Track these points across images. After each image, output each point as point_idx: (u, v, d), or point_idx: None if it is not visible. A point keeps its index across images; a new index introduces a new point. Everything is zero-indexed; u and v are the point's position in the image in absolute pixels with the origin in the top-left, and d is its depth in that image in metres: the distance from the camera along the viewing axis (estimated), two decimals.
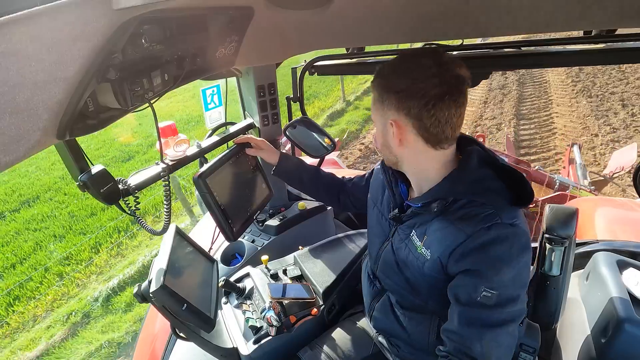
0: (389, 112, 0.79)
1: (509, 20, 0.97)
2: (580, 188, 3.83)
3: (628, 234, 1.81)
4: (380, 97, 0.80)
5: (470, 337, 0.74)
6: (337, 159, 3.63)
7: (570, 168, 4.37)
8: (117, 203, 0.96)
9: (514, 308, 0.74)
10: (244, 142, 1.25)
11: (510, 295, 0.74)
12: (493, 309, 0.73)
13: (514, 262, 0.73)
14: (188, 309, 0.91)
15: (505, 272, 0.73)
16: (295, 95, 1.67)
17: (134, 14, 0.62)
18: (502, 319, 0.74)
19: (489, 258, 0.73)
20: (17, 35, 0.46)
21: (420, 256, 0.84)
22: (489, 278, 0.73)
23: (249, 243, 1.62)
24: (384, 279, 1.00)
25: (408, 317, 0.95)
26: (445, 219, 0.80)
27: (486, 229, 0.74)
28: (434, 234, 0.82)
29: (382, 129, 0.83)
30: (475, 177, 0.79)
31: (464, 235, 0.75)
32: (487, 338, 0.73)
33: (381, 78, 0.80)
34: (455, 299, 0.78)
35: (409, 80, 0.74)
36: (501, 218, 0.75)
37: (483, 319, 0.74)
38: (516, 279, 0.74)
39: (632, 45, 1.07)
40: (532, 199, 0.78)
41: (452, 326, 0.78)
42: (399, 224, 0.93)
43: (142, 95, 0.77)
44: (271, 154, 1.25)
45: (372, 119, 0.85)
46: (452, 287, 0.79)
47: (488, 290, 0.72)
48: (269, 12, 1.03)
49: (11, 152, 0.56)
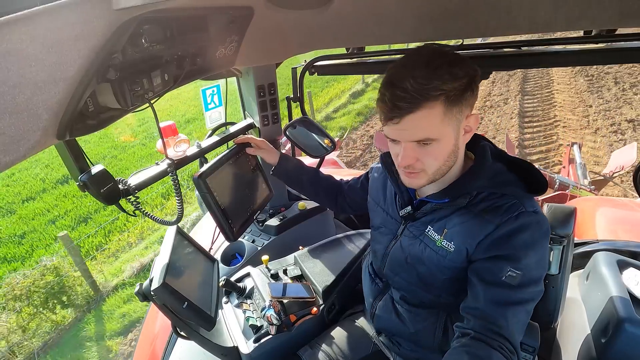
0: (465, 109, 0.74)
1: (509, 20, 0.97)
2: (580, 188, 3.83)
3: (628, 234, 1.81)
4: (449, 107, 0.71)
5: (494, 313, 0.76)
6: (337, 159, 3.64)
7: (570, 167, 4.37)
8: (117, 203, 0.97)
9: (535, 289, 0.77)
10: (244, 142, 1.25)
11: (532, 276, 0.76)
12: (516, 288, 0.76)
13: (538, 246, 0.77)
14: (189, 307, 0.91)
15: (531, 255, 0.76)
16: (295, 95, 1.68)
17: (134, 14, 0.62)
18: (524, 298, 0.76)
19: (516, 244, 0.76)
20: (17, 35, 0.46)
21: (440, 249, 0.85)
22: (516, 260, 0.76)
23: (249, 243, 1.62)
24: (392, 277, 0.99)
25: (413, 314, 0.95)
26: (467, 211, 0.82)
27: (514, 218, 0.77)
28: (457, 227, 0.83)
29: (456, 134, 0.76)
30: (493, 171, 0.82)
31: (492, 225, 0.78)
32: (509, 315, 0.76)
33: (440, 91, 0.69)
34: (479, 279, 0.79)
35: (458, 74, 0.70)
36: (525, 207, 0.78)
37: (507, 297, 0.76)
38: (539, 262, 0.78)
39: (632, 45, 1.07)
40: (547, 186, 0.81)
41: (476, 304, 0.79)
42: (410, 221, 0.93)
43: (142, 95, 0.77)
44: (271, 154, 1.26)
45: (432, 139, 0.73)
46: (476, 269, 0.81)
47: (513, 270, 0.75)
48: (269, 12, 1.03)
49: (11, 152, 0.56)
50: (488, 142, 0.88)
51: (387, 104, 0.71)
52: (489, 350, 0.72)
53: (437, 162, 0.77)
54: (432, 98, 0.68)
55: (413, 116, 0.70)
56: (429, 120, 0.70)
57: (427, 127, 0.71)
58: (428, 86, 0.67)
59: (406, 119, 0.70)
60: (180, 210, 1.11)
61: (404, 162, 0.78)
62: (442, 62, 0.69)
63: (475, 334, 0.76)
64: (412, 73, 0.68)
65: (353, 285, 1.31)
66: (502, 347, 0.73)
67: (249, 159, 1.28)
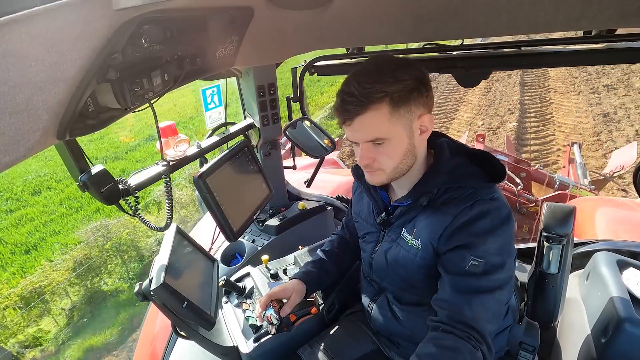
0: (415, 110, 0.78)
1: (509, 20, 0.97)
2: (580, 187, 3.83)
3: (628, 234, 1.81)
4: (396, 108, 0.76)
5: (460, 303, 0.78)
6: (337, 159, 3.64)
7: (570, 167, 4.37)
8: (117, 203, 0.97)
9: (500, 275, 0.78)
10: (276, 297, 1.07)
11: (495, 262, 0.78)
12: (481, 276, 0.77)
13: (498, 231, 0.78)
14: (188, 307, 0.91)
15: (491, 241, 0.78)
16: (295, 95, 1.68)
17: (134, 14, 0.62)
18: (489, 286, 0.78)
19: (474, 231, 0.78)
20: (17, 35, 0.46)
21: (412, 248, 0.88)
22: (475, 248, 0.77)
23: (249, 243, 1.62)
24: (380, 282, 1.03)
25: (407, 312, 0.97)
26: (430, 207, 0.86)
27: (469, 207, 0.79)
28: (422, 223, 0.86)
29: (408, 133, 0.80)
30: (451, 166, 0.84)
31: (450, 217, 0.81)
32: (475, 303, 0.77)
33: (384, 92, 0.75)
34: (444, 271, 0.82)
35: (402, 77, 0.76)
36: (480, 195, 0.80)
37: (472, 286, 0.78)
38: (501, 248, 0.79)
39: (632, 45, 1.07)
40: (505, 173, 0.84)
41: (443, 295, 0.81)
42: (387, 227, 0.96)
43: (142, 96, 0.77)
44: (299, 292, 1.09)
45: (383, 139, 0.79)
46: (442, 261, 0.83)
47: (475, 259, 0.77)
48: (269, 12, 1.03)
49: (11, 152, 0.56)
50: (446, 139, 0.91)
51: (338, 109, 0.79)
52: (457, 341, 0.74)
53: (392, 161, 0.82)
54: (376, 100, 0.74)
55: (362, 118, 0.76)
56: (376, 120, 0.76)
57: (376, 127, 0.77)
58: (371, 89, 0.74)
59: (356, 121, 0.77)
60: (169, 216, 1.08)
61: (362, 162, 0.84)
62: (387, 68, 0.76)
63: (443, 326, 0.78)
64: (357, 79, 0.76)
65: (353, 285, 1.31)
66: (469, 336, 0.75)
67: (249, 159, 1.28)
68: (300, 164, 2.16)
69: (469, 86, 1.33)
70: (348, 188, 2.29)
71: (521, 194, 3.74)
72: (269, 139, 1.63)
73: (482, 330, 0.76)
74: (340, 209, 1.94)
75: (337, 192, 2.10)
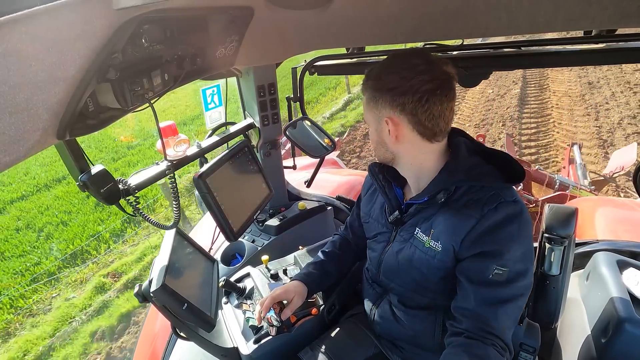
0: (383, 110, 0.83)
1: (509, 20, 0.97)
2: (581, 188, 3.83)
3: (628, 234, 1.81)
4: (373, 98, 0.84)
5: (486, 314, 0.78)
6: (337, 159, 3.63)
7: (570, 168, 4.37)
8: (117, 203, 0.96)
9: (523, 282, 0.79)
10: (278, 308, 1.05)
11: (519, 270, 0.78)
12: (505, 285, 0.77)
13: (522, 238, 0.78)
14: (188, 308, 0.91)
15: (515, 249, 0.77)
16: (295, 95, 1.67)
17: (134, 14, 0.62)
18: (513, 293, 0.78)
19: (500, 238, 0.78)
20: (17, 35, 0.46)
21: (429, 250, 0.87)
22: (500, 256, 0.77)
23: (249, 243, 1.62)
24: (388, 283, 1.01)
25: (411, 316, 0.96)
26: (450, 208, 0.84)
27: (494, 209, 0.79)
28: (442, 225, 0.85)
29: (377, 127, 0.87)
30: (468, 165, 0.84)
31: (473, 219, 0.80)
32: (500, 313, 0.78)
33: (372, 79, 0.84)
34: (467, 280, 0.81)
35: (401, 78, 0.78)
36: (504, 197, 0.80)
37: (496, 296, 0.78)
38: (525, 254, 0.79)
39: (632, 45, 1.06)
40: (524, 174, 0.84)
41: (468, 304, 0.80)
42: (399, 226, 0.95)
43: (142, 95, 0.77)
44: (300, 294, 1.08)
45: (365, 120, 0.89)
46: (463, 268, 0.82)
47: (499, 268, 0.77)
48: (269, 12, 1.03)
49: (11, 152, 0.56)
50: (464, 138, 0.91)
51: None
52: (486, 349, 0.75)
53: (372, 141, 0.92)
54: (365, 86, 0.86)
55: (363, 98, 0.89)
56: (364, 101, 0.89)
57: (364, 106, 0.90)
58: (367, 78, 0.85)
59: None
60: (177, 214, 1.09)
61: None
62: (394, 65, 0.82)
63: (468, 334, 0.78)
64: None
65: (353, 286, 1.31)
66: (494, 344, 0.76)
67: (249, 159, 1.28)
68: (300, 164, 2.16)
69: (469, 86, 1.33)
70: (348, 188, 2.30)
71: (521, 195, 3.74)
72: (269, 139, 1.63)
73: (506, 339, 0.77)
74: (340, 209, 1.94)
75: (337, 192, 2.09)
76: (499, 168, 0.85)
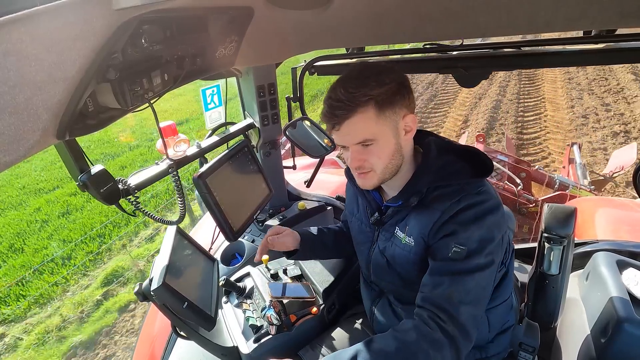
0: (399, 111, 0.83)
1: (509, 20, 0.97)
2: (580, 188, 3.83)
3: (628, 234, 1.81)
4: (380, 110, 0.80)
5: (436, 283, 0.81)
6: (337, 159, 3.63)
7: (570, 168, 4.37)
8: (117, 203, 0.96)
9: (479, 260, 0.80)
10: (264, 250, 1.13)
11: (475, 248, 0.80)
12: (462, 261, 0.81)
13: (481, 222, 0.81)
14: (189, 307, 0.91)
15: (473, 229, 0.80)
16: (295, 95, 1.67)
17: (134, 14, 0.62)
18: (468, 268, 0.80)
19: (459, 221, 0.82)
20: (17, 35, 0.46)
21: (406, 246, 0.90)
22: (458, 235, 0.81)
23: (249, 243, 1.62)
24: (380, 282, 1.03)
25: (408, 312, 0.97)
26: (421, 205, 0.88)
27: (456, 202, 0.83)
28: (414, 221, 0.89)
29: (394, 134, 0.84)
30: (438, 165, 0.86)
31: (438, 212, 0.84)
32: (452, 283, 0.80)
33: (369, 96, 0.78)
34: (432, 259, 0.86)
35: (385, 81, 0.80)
36: (466, 190, 0.83)
37: (452, 269, 0.81)
38: (483, 235, 0.81)
39: (632, 45, 1.06)
40: (492, 167, 0.87)
41: (425, 279, 0.85)
42: (381, 226, 0.98)
43: (142, 95, 0.77)
44: (292, 237, 1.14)
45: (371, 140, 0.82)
46: (430, 252, 0.87)
47: (457, 245, 0.80)
48: (269, 12, 1.03)
49: (11, 152, 0.56)
50: (434, 137, 0.93)
51: (326, 115, 0.82)
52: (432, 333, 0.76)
53: (382, 161, 0.85)
54: (362, 103, 0.78)
55: (349, 121, 0.80)
56: (364, 122, 0.80)
57: (364, 129, 0.80)
58: (357, 93, 0.78)
59: (344, 125, 0.80)
60: (182, 210, 1.12)
61: (353, 164, 0.86)
62: (370, 73, 0.80)
63: (417, 310, 0.81)
64: (343, 85, 0.79)
65: (353, 285, 1.31)
66: (435, 316, 0.78)
67: (248, 159, 1.28)
68: (300, 164, 2.15)
69: (468, 86, 1.33)
70: None
71: (521, 194, 3.74)
72: (268, 139, 1.63)
73: (452, 310, 0.77)
74: (340, 209, 1.94)
75: (337, 192, 2.09)
76: (471, 163, 0.86)
